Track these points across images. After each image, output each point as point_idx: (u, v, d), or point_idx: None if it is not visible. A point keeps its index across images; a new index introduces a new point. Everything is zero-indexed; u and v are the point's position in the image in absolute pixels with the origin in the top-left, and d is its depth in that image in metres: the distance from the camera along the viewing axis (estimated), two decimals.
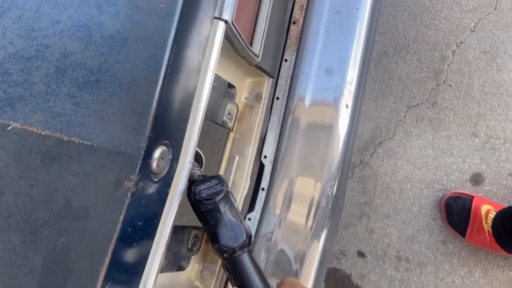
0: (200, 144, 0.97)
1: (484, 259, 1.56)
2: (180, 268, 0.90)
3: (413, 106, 1.70)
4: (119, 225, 0.54)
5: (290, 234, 0.96)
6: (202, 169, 0.97)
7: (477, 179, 1.60)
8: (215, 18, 0.70)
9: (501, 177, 1.58)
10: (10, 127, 0.55)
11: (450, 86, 1.67)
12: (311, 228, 0.95)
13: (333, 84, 0.98)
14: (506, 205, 1.50)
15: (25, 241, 0.54)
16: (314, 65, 1.00)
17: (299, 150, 0.98)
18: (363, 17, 1.00)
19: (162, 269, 0.86)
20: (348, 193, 1.72)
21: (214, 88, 0.88)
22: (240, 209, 0.96)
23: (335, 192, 0.96)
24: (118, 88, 0.56)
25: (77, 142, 0.55)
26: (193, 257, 0.93)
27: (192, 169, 0.91)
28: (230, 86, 0.93)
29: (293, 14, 1.03)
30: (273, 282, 0.92)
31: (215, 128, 0.92)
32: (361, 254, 1.67)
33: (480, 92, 1.64)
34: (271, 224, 0.96)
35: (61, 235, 0.54)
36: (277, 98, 1.00)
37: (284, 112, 1.00)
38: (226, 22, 0.71)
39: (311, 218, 0.95)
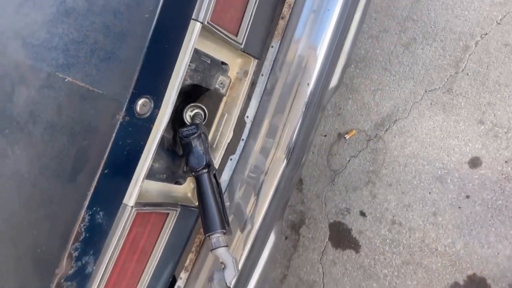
0: (210, 104, 1.38)
1: (468, 234, 1.72)
2: (178, 183, 1.34)
3: (431, 91, 1.87)
4: (112, 140, 0.99)
5: (258, 170, 1.33)
6: (204, 121, 1.38)
7: (475, 162, 1.74)
8: (192, 19, 1.08)
9: (498, 163, 1.69)
10: (66, 79, 1.03)
11: (468, 74, 1.79)
12: (270, 168, 1.31)
13: (301, 66, 1.30)
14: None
15: (69, 141, 1.02)
16: (292, 52, 1.32)
17: (272, 114, 1.33)
18: (333, 17, 1.28)
19: (163, 180, 1.31)
20: (360, 161, 1.98)
21: (207, 64, 1.27)
22: (223, 152, 1.36)
23: (292, 147, 1.30)
24: (119, 63, 0.99)
25: (96, 91, 1.00)
26: (189, 178, 1.36)
27: (196, 119, 1.33)
28: (224, 63, 1.31)
29: (282, 11, 1.35)
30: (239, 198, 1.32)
31: (215, 93, 1.32)
32: (362, 214, 1.95)
33: (494, 82, 1.74)
34: (246, 163, 1.35)
35: (84, 140, 1.01)
36: (262, 75, 1.36)
37: (265, 85, 1.35)
38: (202, 22, 1.09)
39: (272, 162, 1.32)
